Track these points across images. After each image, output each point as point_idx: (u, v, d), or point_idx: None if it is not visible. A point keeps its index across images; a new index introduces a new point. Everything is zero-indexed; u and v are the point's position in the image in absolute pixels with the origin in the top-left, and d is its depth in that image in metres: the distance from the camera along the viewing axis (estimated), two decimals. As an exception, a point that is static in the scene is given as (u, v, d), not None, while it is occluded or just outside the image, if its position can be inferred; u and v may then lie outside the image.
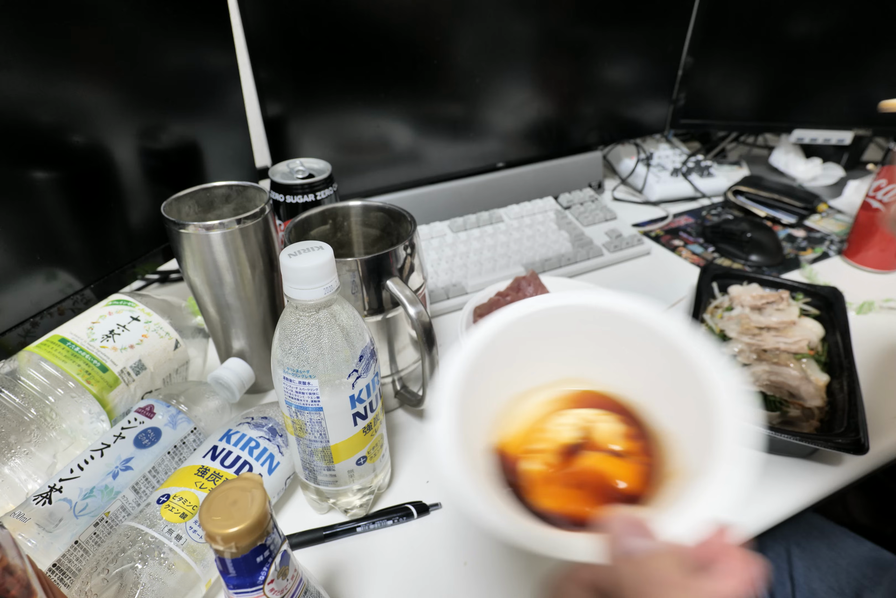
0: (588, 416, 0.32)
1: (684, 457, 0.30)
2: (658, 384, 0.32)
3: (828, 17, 0.86)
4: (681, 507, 0.25)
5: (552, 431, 0.32)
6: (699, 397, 0.29)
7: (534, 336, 0.33)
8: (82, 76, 0.47)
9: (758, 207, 0.92)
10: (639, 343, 0.32)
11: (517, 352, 0.33)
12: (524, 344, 0.33)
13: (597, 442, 0.31)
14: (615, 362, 0.34)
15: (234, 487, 0.26)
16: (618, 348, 0.33)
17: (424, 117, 0.78)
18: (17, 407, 0.45)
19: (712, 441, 0.27)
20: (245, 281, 0.51)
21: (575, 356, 0.34)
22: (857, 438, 0.47)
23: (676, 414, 0.31)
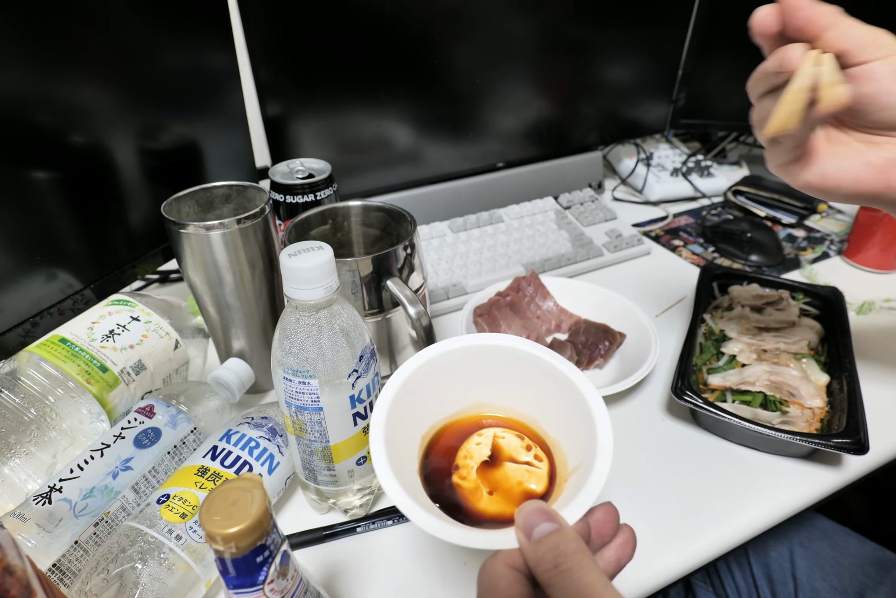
0: (496, 434, 0.40)
1: (572, 459, 0.37)
2: (543, 403, 0.40)
3: (828, 17, 0.86)
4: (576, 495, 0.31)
5: (471, 449, 0.39)
6: (574, 409, 0.37)
7: (442, 372, 0.40)
8: (82, 76, 0.47)
9: (758, 207, 0.92)
10: (524, 371, 0.40)
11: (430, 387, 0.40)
12: (434, 380, 0.40)
13: (505, 455, 0.39)
14: (508, 388, 0.41)
15: (234, 487, 0.26)
16: (509, 376, 0.41)
17: (424, 117, 0.78)
18: (17, 407, 0.45)
19: (589, 442, 0.35)
20: (245, 281, 0.51)
21: (477, 386, 0.41)
22: (857, 438, 0.47)
23: (559, 425, 0.39)
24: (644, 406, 0.58)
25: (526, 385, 0.41)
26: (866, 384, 0.55)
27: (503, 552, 0.29)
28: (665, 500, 0.49)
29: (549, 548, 0.27)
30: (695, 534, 0.46)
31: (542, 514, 0.28)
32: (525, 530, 0.28)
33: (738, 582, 0.64)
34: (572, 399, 0.38)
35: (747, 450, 0.53)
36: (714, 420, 0.53)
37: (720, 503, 0.49)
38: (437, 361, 0.40)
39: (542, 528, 0.28)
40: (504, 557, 0.28)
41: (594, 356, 0.61)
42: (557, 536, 0.27)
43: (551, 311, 0.68)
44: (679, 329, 0.68)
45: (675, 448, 0.54)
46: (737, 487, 0.50)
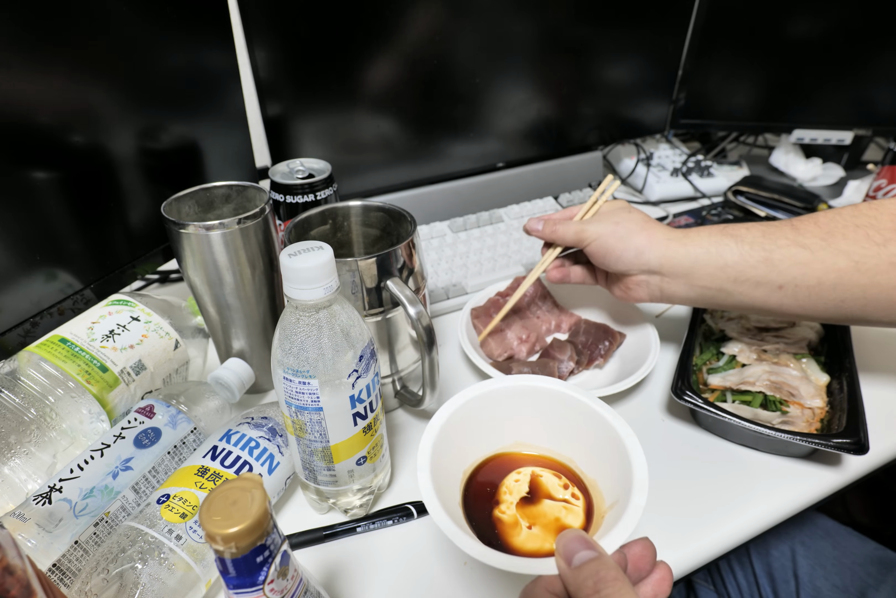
0: (534, 472, 0.42)
1: (609, 496, 0.39)
2: (579, 443, 0.43)
3: (828, 17, 0.86)
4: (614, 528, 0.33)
5: (510, 485, 0.41)
6: (609, 447, 0.39)
7: (483, 411, 0.43)
8: (82, 76, 0.47)
9: (758, 207, 0.92)
10: (561, 411, 0.43)
11: (471, 425, 0.42)
12: (476, 418, 0.42)
13: (543, 492, 0.41)
14: (546, 428, 0.44)
15: (234, 487, 0.26)
16: (547, 416, 0.43)
17: (424, 117, 0.78)
18: (17, 407, 0.45)
19: (625, 478, 0.37)
20: (245, 281, 0.51)
21: (516, 426, 0.44)
22: (857, 438, 0.47)
23: (596, 465, 0.42)
24: (644, 406, 0.58)
25: (563, 425, 0.43)
26: (866, 384, 0.55)
27: (543, 578, 0.30)
28: (665, 500, 0.49)
29: (589, 574, 0.28)
30: (695, 534, 0.46)
31: (582, 542, 0.30)
32: (566, 556, 0.29)
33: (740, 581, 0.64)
34: (607, 438, 0.40)
35: (747, 450, 0.53)
36: (714, 420, 0.53)
37: (720, 503, 0.49)
38: (478, 400, 0.43)
39: (583, 555, 0.29)
40: (544, 582, 0.30)
41: (594, 356, 0.61)
42: (597, 563, 0.28)
43: (551, 311, 0.68)
44: (679, 329, 0.68)
45: (675, 448, 0.54)
46: (737, 487, 0.50)
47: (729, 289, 0.49)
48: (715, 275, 0.49)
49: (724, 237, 0.49)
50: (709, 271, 0.49)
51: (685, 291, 0.51)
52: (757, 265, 0.47)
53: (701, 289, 0.50)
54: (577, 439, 0.43)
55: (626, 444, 0.38)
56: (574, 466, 0.43)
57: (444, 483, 0.38)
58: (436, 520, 0.34)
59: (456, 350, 0.66)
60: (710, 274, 0.49)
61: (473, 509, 0.39)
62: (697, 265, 0.49)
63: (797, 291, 0.47)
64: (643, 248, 0.51)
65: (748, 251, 0.48)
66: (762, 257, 0.47)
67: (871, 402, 0.54)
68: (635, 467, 0.37)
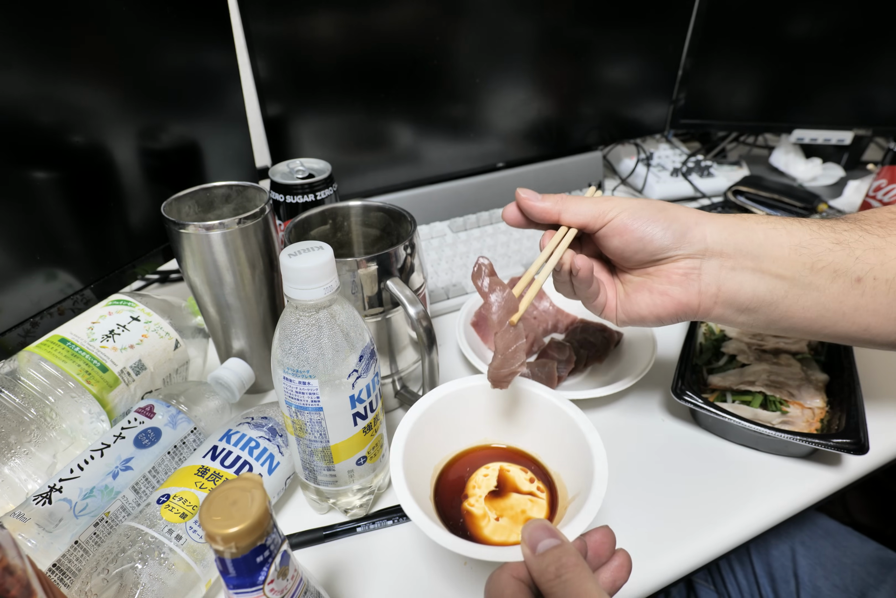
0: (502, 467, 0.44)
1: (571, 488, 0.40)
2: (545, 439, 0.44)
3: (828, 18, 0.86)
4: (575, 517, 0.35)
5: (479, 480, 0.43)
6: (573, 443, 0.41)
7: (453, 409, 0.44)
8: (82, 76, 0.47)
9: (758, 207, 0.92)
10: (529, 409, 0.44)
11: (443, 422, 0.44)
12: (446, 415, 0.44)
13: (510, 486, 0.42)
14: (515, 425, 0.45)
15: (234, 487, 0.26)
16: (515, 413, 0.45)
17: (424, 117, 0.78)
18: (17, 407, 0.45)
19: (587, 471, 0.38)
20: (245, 281, 0.51)
21: (485, 422, 0.46)
22: (857, 438, 0.47)
23: (560, 459, 0.43)
24: (644, 406, 0.58)
25: (529, 422, 0.45)
26: (866, 384, 0.55)
27: (509, 565, 0.32)
28: (665, 499, 0.49)
29: (551, 560, 0.29)
30: (695, 533, 0.46)
31: (545, 530, 0.31)
32: (530, 544, 0.31)
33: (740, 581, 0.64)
34: (571, 433, 0.42)
35: (747, 450, 0.53)
36: (714, 420, 0.53)
37: (720, 503, 0.49)
38: (448, 398, 0.44)
39: (546, 542, 0.30)
40: (510, 569, 0.31)
41: (592, 356, 0.61)
42: (559, 550, 0.30)
43: (548, 311, 0.68)
44: (679, 329, 0.68)
45: (675, 448, 0.54)
46: (737, 487, 0.50)
47: (806, 280, 0.39)
48: (790, 258, 0.38)
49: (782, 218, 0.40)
50: (783, 253, 0.38)
51: (753, 284, 0.39)
52: (833, 248, 0.38)
53: (774, 279, 0.39)
54: (543, 434, 0.44)
55: (587, 439, 0.40)
56: (540, 460, 0.44)
57: (416, 478, 0.40)
58: (408, 512, 0.36)
59: (456, 350, 0.66)
60: (784, 257, 0.38)
61: (444, 502, 0.41)
62: (769, 243, 0.38)
63: (876, 286, 0.38)
64: (690, 221, 0.39)
65: (817, 231, 0.39)
66: (834, 239, 0.39)
67: (871, 402, 0.54)
68: (596, 461, 0.38)
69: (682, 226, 0.39)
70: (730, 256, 0.39)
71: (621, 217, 0.40)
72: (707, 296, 0.40)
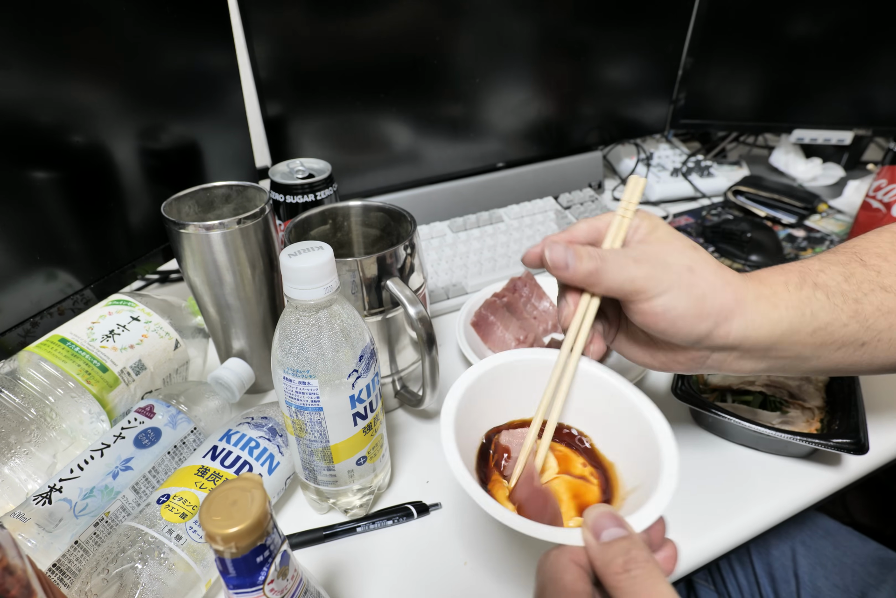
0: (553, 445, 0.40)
1: (630, 480, 0.37)
2: (602, 423, 0.40)
3: (828, 17, 0.86)
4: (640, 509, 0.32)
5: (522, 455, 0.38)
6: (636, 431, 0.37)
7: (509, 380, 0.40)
8: (82, 76, 0.47)
9: (758, 207, 0.92)
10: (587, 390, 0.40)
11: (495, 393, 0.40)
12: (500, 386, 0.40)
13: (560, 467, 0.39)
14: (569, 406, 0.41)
15: (234, 487, 0.26)
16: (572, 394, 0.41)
17: (424, 117, 0.78)
18: (17, 407, 0.45)
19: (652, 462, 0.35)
20: (245, 281, 0.51)
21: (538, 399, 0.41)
22: (857, 438, 0.47)
23: (616, 445, 0.39)
24: (644, 406, 0.58)
25: (587, 404, 0.40)
26: (866, 384, 0.55)
27: (568, 548, 0.30)
28: (665, 500, 0.49)
29: (619, 552, 0.28)
30: (695, 533, 0.46)
31: (611, 518, 0.29)
32: (594, 530, 0.29)
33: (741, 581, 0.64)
34: (635, 422, 0.38)
35: (747, 450, 0.53)
36: (714, 420, 0.53)
37: (720, 503, 0.49)
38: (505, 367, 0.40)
39: (612, 532, 0.29)
40: (569, 552, 0.29)
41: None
42: (628, 542, 0.28)
43: (547, 311, 0.68)
44: (679, 329, 0.68)
45: (675, 448, 0.54)
46: (737, 487, 0.50)
47: (807, 355, 0.39)
48: (803, 342, 0.38)
49: (815, 290, 0.38)
50: (798, 339, 0.38)
51: (753, 366, 0.39)
52: (848, 323, 0.38)
53: (775, 360, 0.39)
54: (600, 418, 0.40)
55: (653, 427, 0.36)
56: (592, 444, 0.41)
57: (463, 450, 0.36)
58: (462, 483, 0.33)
59: (456, 350, 0.66)
60: (797, 342, 0.38)
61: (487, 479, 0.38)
62: (788, 334, 0.38)
63: (878, 346, 0.39)
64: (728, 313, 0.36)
65: (839, 306, 0.38)
66: (853, 311, 0.38)
67: (871, 402, 0.54)
68: (665, 451, 0.35)
69: (712, 324, 0.36)
70: (745, 350, 0.38)
71: (653, 304, 0.36)
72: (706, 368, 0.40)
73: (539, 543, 0.30)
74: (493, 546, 0.45)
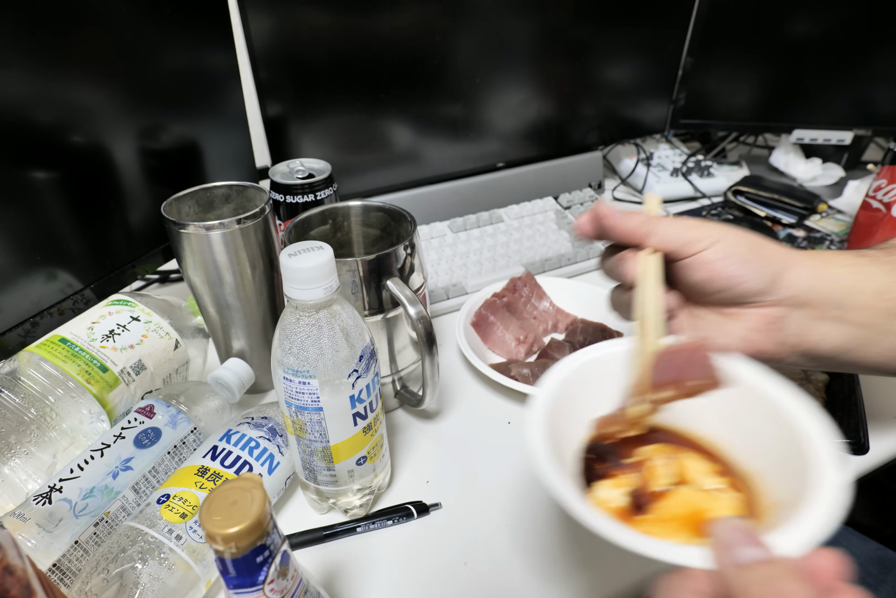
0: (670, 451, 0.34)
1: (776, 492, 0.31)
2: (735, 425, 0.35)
3: (828, 17, 0.86)
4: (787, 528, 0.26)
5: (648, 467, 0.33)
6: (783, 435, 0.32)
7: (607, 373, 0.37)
8: (82, 76, 0.47)
9: (758, 207, 0.92)
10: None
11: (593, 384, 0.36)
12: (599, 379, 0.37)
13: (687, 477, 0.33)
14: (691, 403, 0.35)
15: (234, 487, 0.26)
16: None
17: (424, 117, 0.78)
18: (17, 407, 0.45)
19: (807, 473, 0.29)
20: (245, 281, 0.51)
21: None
22: (857, 438, 0.47)
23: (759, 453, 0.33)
24: (644, 406, 0.58)
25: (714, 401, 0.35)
26: (866, 384, 0.55)
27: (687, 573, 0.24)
28: (665, 500, 0.49)
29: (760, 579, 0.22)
30: (695, 534, 0.46)
31: (747, 536, 0.24)
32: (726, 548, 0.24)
33: None
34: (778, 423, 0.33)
35: (747, 450, 0.53)
36: (714, 420, 0.53)
37: (720, 503, 0.48)
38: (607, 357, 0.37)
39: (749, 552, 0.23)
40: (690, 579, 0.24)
41: (594, 356, 0.61)
42: (772, 568, 0.22)
43: (548, 311, 0.68)
44: (679, 329, 0.68)
45: (675, 448, 0.54)
46: (737, 487, 0.50)
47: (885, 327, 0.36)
48: (873, 305, 0.36)
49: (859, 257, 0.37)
50: (866, 300, 0.36)
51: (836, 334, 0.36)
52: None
53: (855, 328, 0.36)
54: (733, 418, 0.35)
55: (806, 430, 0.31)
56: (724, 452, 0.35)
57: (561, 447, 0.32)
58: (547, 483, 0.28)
59: (456, 350, 0.66)
60: (867, 304, 0.36)
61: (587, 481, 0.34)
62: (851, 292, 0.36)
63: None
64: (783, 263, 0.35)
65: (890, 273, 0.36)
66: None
67: (871, 402, 0.54)
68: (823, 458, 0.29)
69: (776, 269, 0.35)
70: (817, 305, 0.36)
71: (713, 250, 0.35)
72: (787, 346, 0.37)
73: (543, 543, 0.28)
74: (493, 546, 0.45)
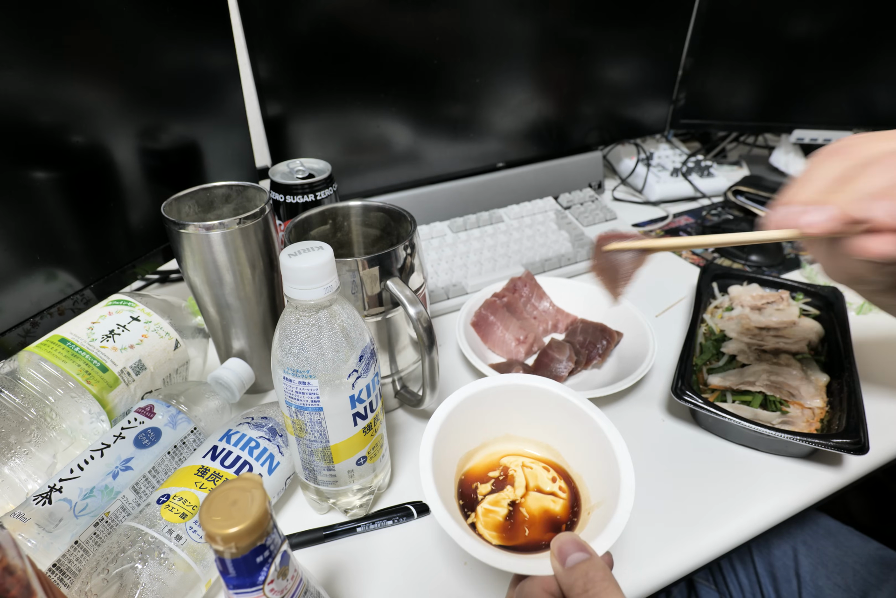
0: (523, 463, 0.44)
1: (595, 494, 0.40)
2: (567, 440, 0.44)
3: (828, 18, 0.86)
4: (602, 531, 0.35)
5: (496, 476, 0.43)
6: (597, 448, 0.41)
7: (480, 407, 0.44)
8: (82, 76, 0.47)
9: (758, 206, 0.92)
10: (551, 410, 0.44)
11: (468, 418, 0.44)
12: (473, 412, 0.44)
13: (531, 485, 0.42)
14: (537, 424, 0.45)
15: (234, 487, 0.26)
16: (538, 413, 0.45)
17: (424, 117, 0.78)
18: (17, 407, 0.45)
19: (612, 480, 0.38)
20: (245, 281, 0.51)
21: (508, 421, 0.45)
22: (857, 438, 0.47)
23: (582, 461, 0.43)
24: (644, 406, 0.58)
25: (553, 423, 0.44)
26: (866, 384, 0.55)
27: (539, 578, 0.33)
28: (666, 499, 0.49)
29: (580, 575, 0.30)
30: (696, 533, 0.46)
31: (575, 544, 0.32)
32: (560, 557, 0.32)
33: (742, 580, 0.64)
34: (595, 439, 0.41)
35: (747, 450, 0.53)
36: (714, 420, 0.53)
37: (720, 503, 0.49)
38: (472, 399, 0.44)
39: (575, 556, 0.31)
40: (541, 582, 0.32)
41: (592, 356, 0.61)
42: (587, 564, 0.31)
43: (548, 311, 0.68)
44: (679, 329, 0.68)
45: (675, 448, 0.54)
46: (737, 487, 0.50)
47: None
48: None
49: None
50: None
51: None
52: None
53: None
54: (567, 437, 0.44)
55: (614, 447, 0.40)
56: (560, 460, 0.44)
57: (442, 481, 0.40)
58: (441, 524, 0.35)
59: (456, 350, 0.66)
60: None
61: (467, 500, 0.42)
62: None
63: None
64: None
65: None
66: None
67: (871, 402, 0.54)
68: (623, 471, 0.38)
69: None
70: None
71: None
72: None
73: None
74: (493, 546, 0.45)
